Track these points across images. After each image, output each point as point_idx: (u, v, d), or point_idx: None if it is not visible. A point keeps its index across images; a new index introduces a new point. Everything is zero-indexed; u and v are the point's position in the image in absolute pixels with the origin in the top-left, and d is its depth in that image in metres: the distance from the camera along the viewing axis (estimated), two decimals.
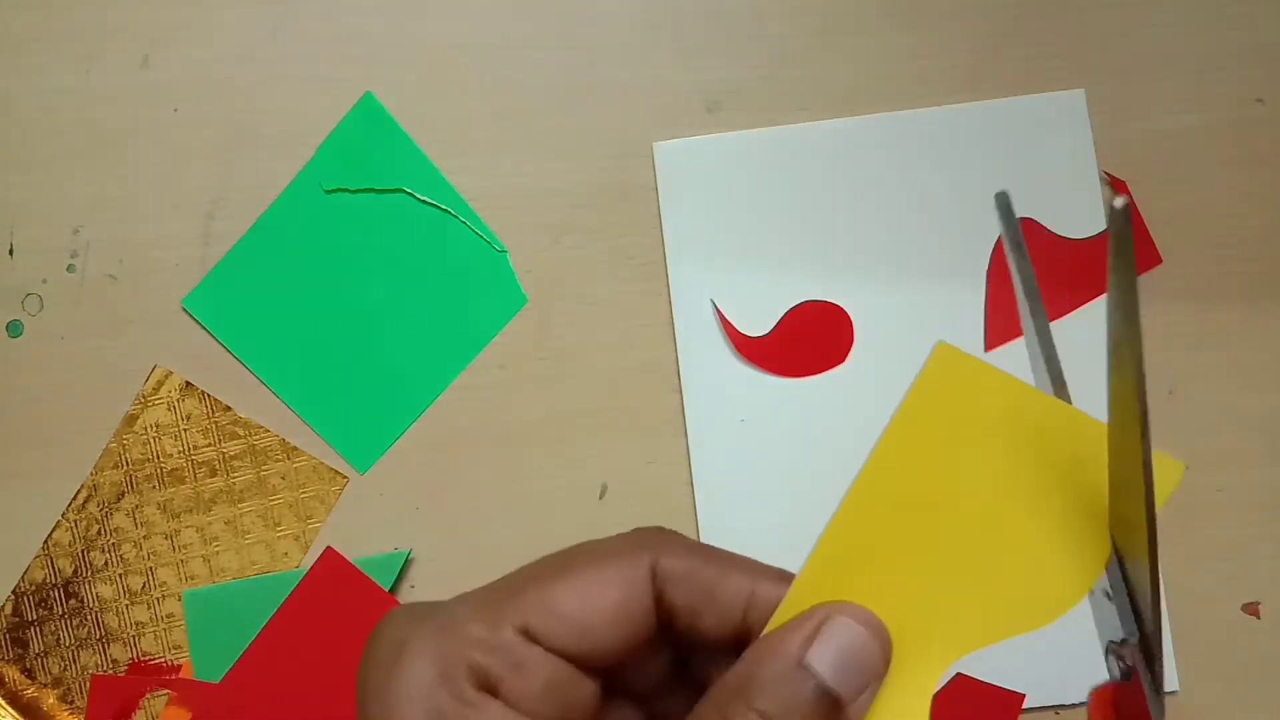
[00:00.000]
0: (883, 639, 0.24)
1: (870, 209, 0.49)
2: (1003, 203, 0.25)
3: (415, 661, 0.23)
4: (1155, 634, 0.24)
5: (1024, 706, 0.47)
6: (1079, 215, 0.48)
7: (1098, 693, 0.27)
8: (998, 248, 0.49)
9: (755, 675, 0.23)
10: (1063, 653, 0.47)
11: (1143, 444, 0.21)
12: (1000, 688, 0.46)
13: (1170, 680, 0.47)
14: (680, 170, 0.49)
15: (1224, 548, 0.47)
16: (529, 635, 0.24)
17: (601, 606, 0.24)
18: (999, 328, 0.48)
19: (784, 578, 0.25)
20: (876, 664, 0.23)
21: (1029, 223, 0.48)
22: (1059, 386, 0.24)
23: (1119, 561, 0.24)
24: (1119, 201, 0.19)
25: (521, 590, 0.24)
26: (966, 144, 0.49)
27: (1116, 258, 0.19)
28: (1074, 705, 0.47)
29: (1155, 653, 0.24)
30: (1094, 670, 0.31)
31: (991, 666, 0.46)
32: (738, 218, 0.48)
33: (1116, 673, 0.26)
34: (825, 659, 0.23)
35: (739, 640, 0.25)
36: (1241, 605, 0.47)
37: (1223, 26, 0.49)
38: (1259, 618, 0.47)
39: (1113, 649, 0.26)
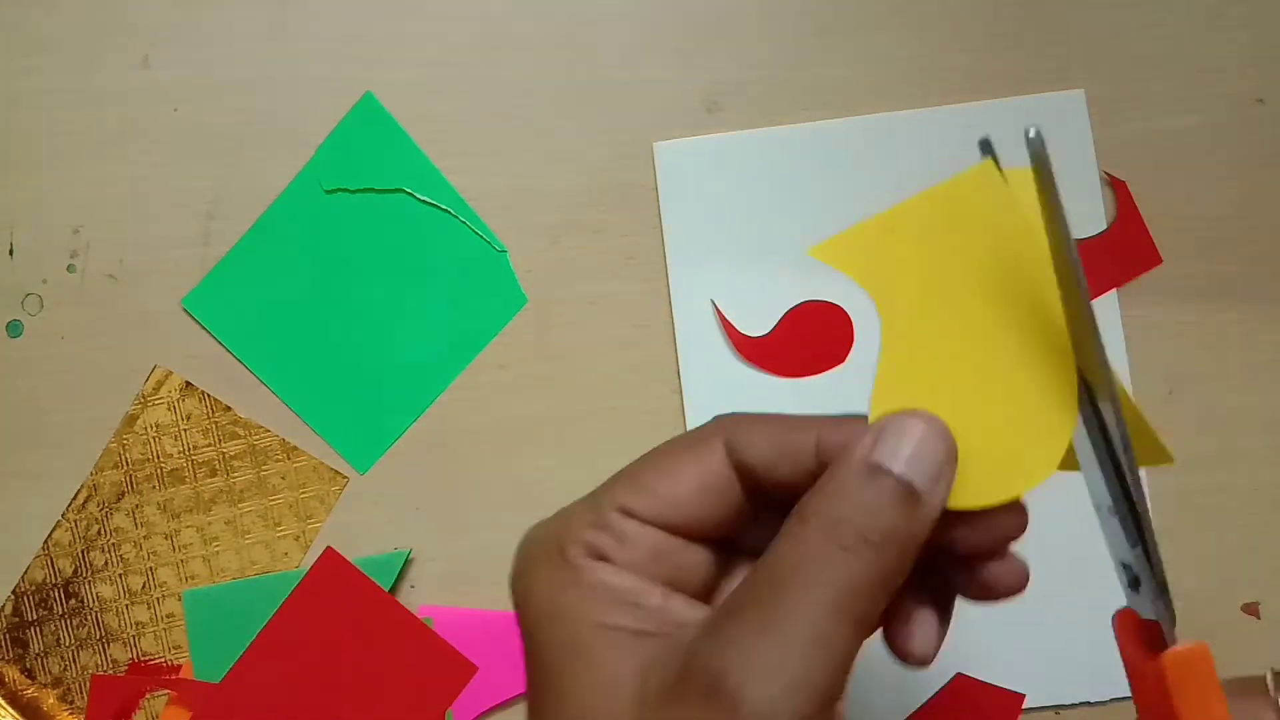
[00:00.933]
0: (942, 431, 0.26)
1: (870, 209, 0.49)
2: (985, 148, 0.28)
3: (535, 555, 0.27)
4: (1144, 514, 0.26)
5: (1024, 706, 0.47)
6: (1079, 215, 0.48)
7: (1120, 615, 0.29)
8: None
9: (831, 486, 0.25)
10: (1063, 653, 0.47)
11: (1077, 290, 0.25)
12: (1000, 688, 0.46)
13: None
14: (680, 170, 0.49)
15: (1224, 548, 0.47)
16: (628, 513, 0.27)
17: (684, 480, 0.27)
18: None
19: (840, 421, 0.27)
20: (941, 452, 0.25)
21: None
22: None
23: (1090, 400, 0.26)
24: (1033, 130, 0.22)
25: (617, 480, 0.28)
26: (966, 144, 0.49)
27: (1039, 179, 0.25)
28: (1074, 705, 0.47)
29: (1153, 552, 0.27)
30: (1095, 672, 0.31)
31: (992, 666, 0.46)
32: (738, 218, 0.48)
33: (1127, 585, 0.28)
34: (891, 454, 0.25)
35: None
36: (1241, 605, 0.47)
37: (1223, 26, 0.49)
38: (1259, 618, 0.47)
39: (1123, 566, 0.28)
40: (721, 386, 0.48)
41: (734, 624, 0.24)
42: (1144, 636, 0.28)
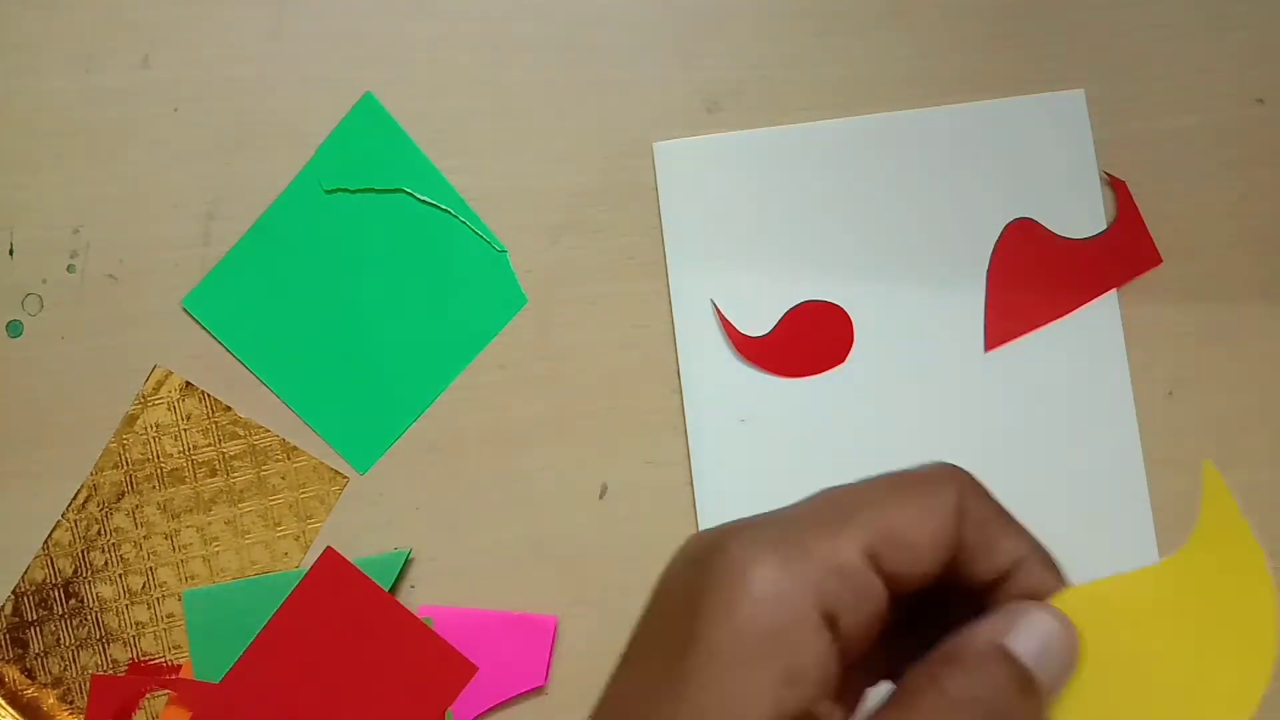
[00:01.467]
0: (1074, 634, 0.25)
1: (870, 209, 0.49)
2: None
3: (760, 580, 0.22)
4: None
5: None
6: (1079, 215, 0.48)
7: None
8: (998, 248, 0.49)
9: (958, 654, 0.24)
10: None
11: None
12: None
13: None
14: (680, 170, 0.49)
15: None
16: (873, 559, 0.23)
17: (932, 531, 0.24)
18: (999, 328, 0.48)
19: (1049, 563, 0.25)
20: (1069, 653, 0.24)
21: (1029, 223, 0.48)
22: None
23: None
24: None
25: (857, 510, 0.24)
26: (966, 144, 0.49)
27: None
28: None
29: None
30: None
31: None
32: (738, 218, 0.48)
33: None
34: (1023, 643, 0.24)
35: (979, 597, 0.25)
36: None
37: (1223, 26, 0.49)
38: None
39: None
40: (721, 386, 0.48)
41: None
42: None
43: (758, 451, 0.48)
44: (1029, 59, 0.49)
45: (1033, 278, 0.48)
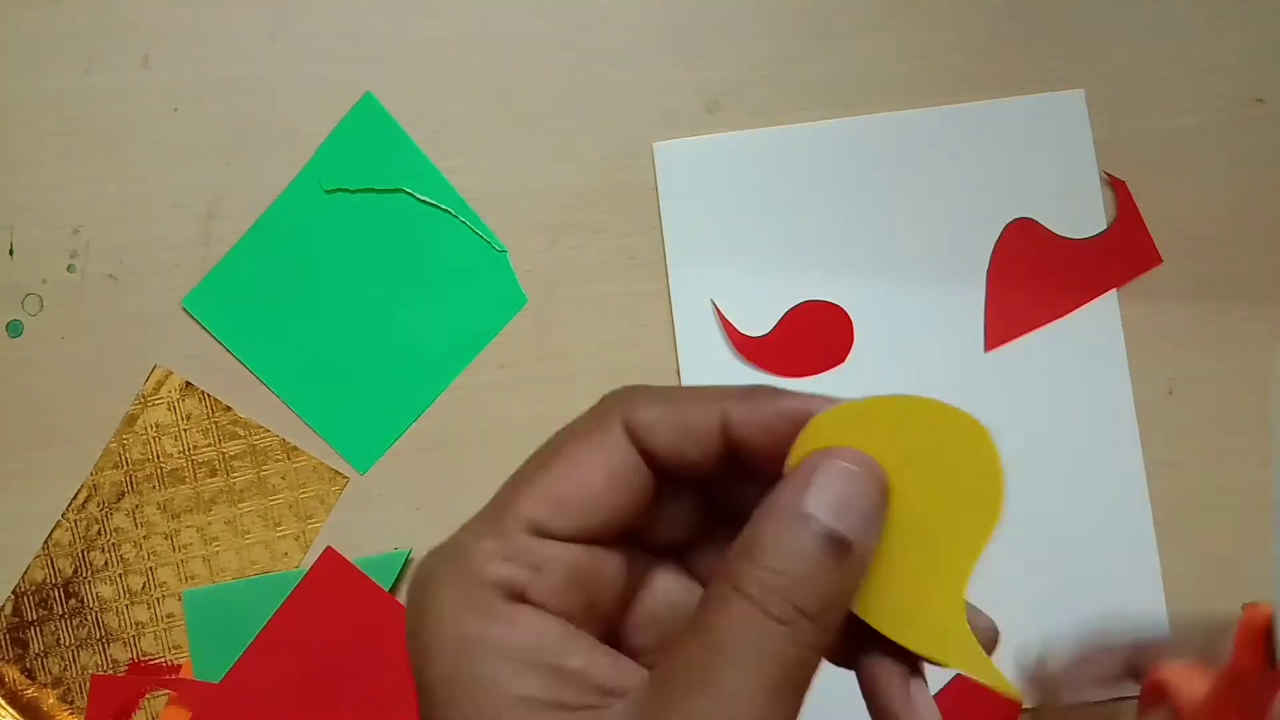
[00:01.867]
0: (876, 474, 0.23)
1: (870, 209, 0.49)
2: None
3: (437, 597, 0.23)
4: None
5: (1024, 706, 0.47)
6: (1079, 215, 0.48)
7: (1250, 610, 0.27)
8: (998, 248, 0.48)
9: (759, 534, 0.23)
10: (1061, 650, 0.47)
11: None
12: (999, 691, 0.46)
13: None
14: (680, 170, 0.49)
15: (1224, 548, 0.47)
16: (541, 532, 0.24)
17: (591, 478, 0.24)
18: (999, 327, 0.48)
19: (746, 392, 0.25)
20: (873, 500, 0.23)
21: (1029, 223, 0.48)
22: None
23: None
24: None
25: (517, 493, 0.25)
26: (966, 144, 0.49)
27: None
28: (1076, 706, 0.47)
29: None
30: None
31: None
32: (738, 218, 0.48)
33: None
34: (822, 503, 0.23)
35: (737, 461, 0.25)
36: (1241, 605, 0.47)
37: (1223, 27, 0.49)
38: None
39: None
40: None
41: (666, 712, 0.22)
42: (1267, 643, 0.26)
43: None
44: (1029, 59, 0.49)
45: (1032, 278, 0.48)
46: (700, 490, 0.26)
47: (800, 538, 0.22)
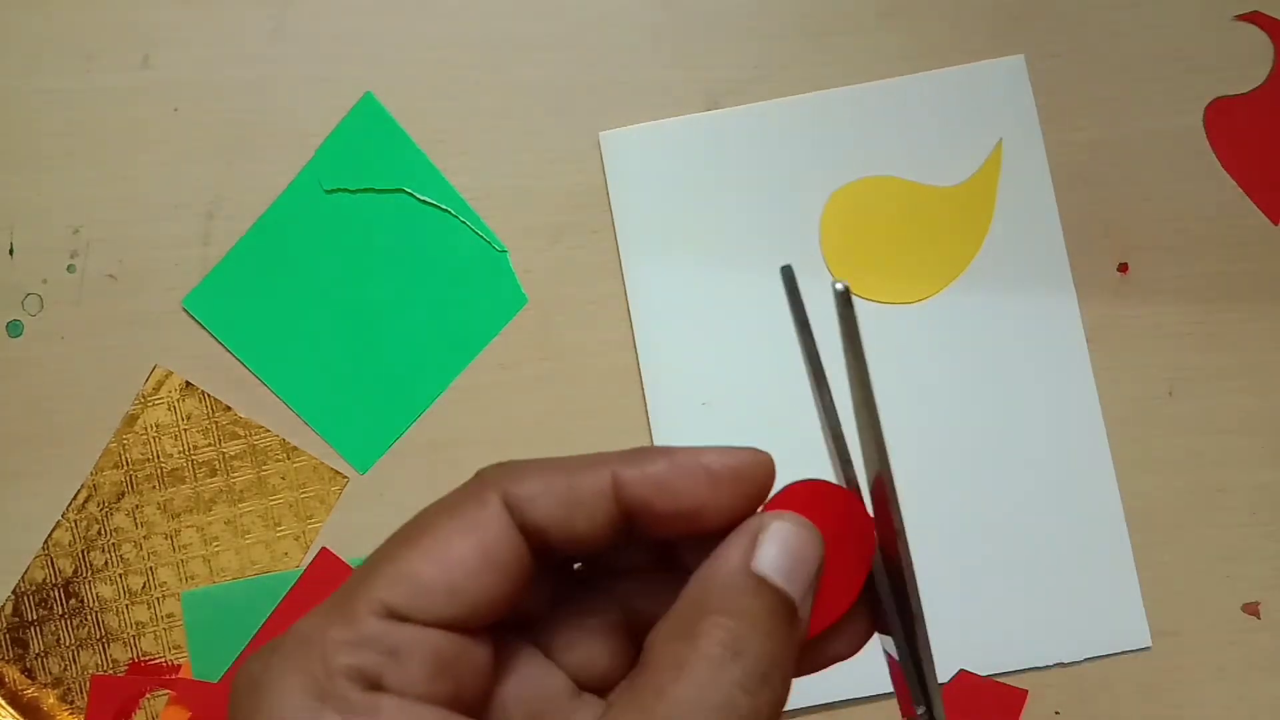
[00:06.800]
0: (818, 536, 0.24)
1: (821, 187, 0.49)
2: (787, 277, 0.24)
3: (278, 694, 0.21)
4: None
5: (1002, 670, 0.46)
6: (1026, 176, 0.48)
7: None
8: None
9: (710, 587, 0.22)
10: (1034, 616, 0.47)
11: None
12: (1003, 684, 0.46)
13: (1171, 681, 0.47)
14: (630, 160, 0.48)
15: (1224, 548, 0.47)
16: (395, 616, 0.22)
17: (461, 559, 0.22)
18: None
19: (636, 454, 0.24)
20: (816, 549, 0.23)
21: None
22: (845, 463, 0.25)
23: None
24: (840, 285, 0.21)
25: (371, 574, 0.22)
26: (914, 114, 0.49)
27: (845, 338, 0.22)
28: (1047, 668, 0.47)
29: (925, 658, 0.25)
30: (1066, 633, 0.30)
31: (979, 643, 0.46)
32: (687, 201, 0.48)
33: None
34: (771, 560, 0.23)
35: (624, 535, 0.24)
36: (1241, 605, 0.47)
37: (1214, 26, 0.49)
38: (1259, 618, 0.47)
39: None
40: (683, 370, 0.48)
41: None
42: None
43: (719, 436, 0.47)
44: (1029, 59, 0.49)
45: None
46: (581, 560, 0.26)
47: (749, 592, 0.22)
